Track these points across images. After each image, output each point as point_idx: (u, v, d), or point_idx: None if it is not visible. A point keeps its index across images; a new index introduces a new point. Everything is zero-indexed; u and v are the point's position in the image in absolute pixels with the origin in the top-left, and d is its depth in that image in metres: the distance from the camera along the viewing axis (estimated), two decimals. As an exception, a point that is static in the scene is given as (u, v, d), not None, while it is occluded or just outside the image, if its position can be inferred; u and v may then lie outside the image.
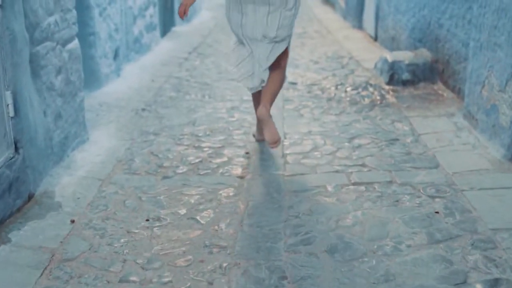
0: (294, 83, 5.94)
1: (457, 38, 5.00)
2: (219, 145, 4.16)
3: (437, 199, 3.21)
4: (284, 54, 3.79)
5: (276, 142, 3.63)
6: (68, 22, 3.76)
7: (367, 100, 5.20)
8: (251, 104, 5.21)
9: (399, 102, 5.09)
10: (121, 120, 4.74)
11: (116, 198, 3.30)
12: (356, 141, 4.17)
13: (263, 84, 3.75)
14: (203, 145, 4.17)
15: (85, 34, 5.39)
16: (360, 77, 6.10)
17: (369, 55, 7.31)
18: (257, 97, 3.94)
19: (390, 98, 5.24)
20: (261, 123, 3.72)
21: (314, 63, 7.03)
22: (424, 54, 5.76)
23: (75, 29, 3.88)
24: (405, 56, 5.78)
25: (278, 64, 3.76)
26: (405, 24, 6.55)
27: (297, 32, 9.53)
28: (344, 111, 4.92)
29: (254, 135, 4.25)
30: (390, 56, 5.85)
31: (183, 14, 3.53)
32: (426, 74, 5.59)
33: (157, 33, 8.08)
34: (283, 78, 3.85)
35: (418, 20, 6.11)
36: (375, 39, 8.19)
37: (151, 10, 7.69)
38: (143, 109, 5.08)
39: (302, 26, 10.32)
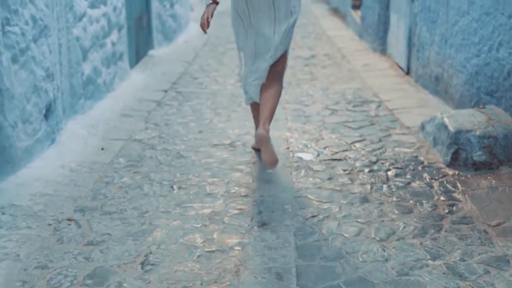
0: (306, 159, 4.03)
1: None
2: None
3: None
4: (283, 57, 3.70)
5: (274, 164, 3.47)
6: None
7: (426, 205, 3.27)
8: (241, 208, 3.32)
9: (480, 211, 3.15)
10: (23, 253, 2.81)
11: None
12: (434, 332, 2.25)
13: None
14: (149, 336, 2.26)
15: (-15, 93, 3.49)
16: (403, 147, 4.17)
17: (405, 100, 5.39)
18: (256, 108, 3.83)
19: (463, 200, 3.31)
20: (259, 144, 3.50)
21: (330, 113, 5.12)
22: (503, 119, 3.83)
23: None
24: (473, 121, 3.85)
25: (276, 69, 3.67)
26: (462, 64, 4.63)
27: (303, 56, 7.64)
28: (394, 231, 2.99)
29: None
30: (449, 121, 3.91)
31: (206, 27, 3.54)
32: (509, 153, 3.68)
33: (125, 64, 6.16)
34: (281, 87, 3.73)
35: (486, 62, 4.19)
36: (407, 72, 6.28)
37: (114, 36, 5.77)
38: (69, 220, 3.17)
39: (309, 46, 8.42)
